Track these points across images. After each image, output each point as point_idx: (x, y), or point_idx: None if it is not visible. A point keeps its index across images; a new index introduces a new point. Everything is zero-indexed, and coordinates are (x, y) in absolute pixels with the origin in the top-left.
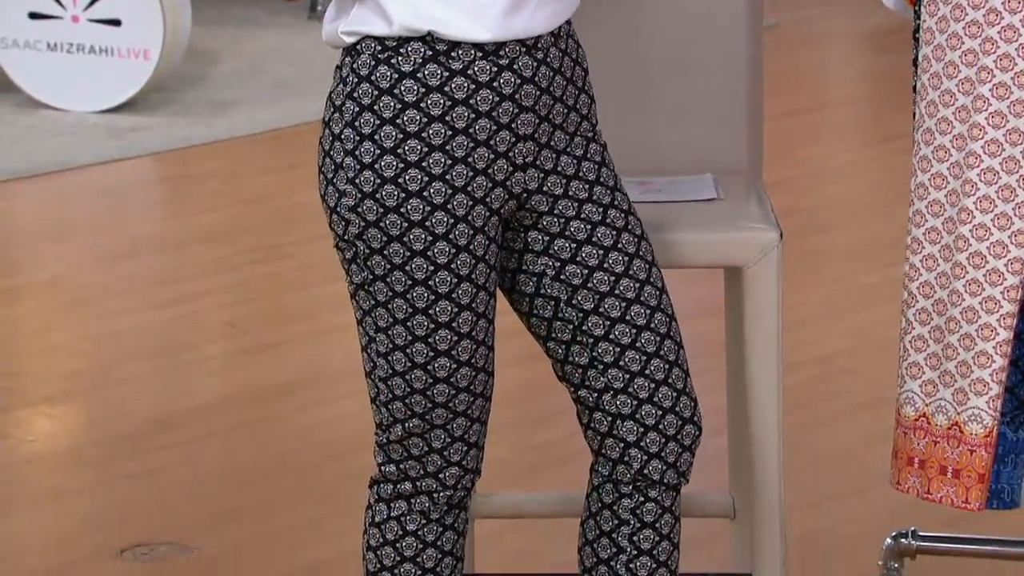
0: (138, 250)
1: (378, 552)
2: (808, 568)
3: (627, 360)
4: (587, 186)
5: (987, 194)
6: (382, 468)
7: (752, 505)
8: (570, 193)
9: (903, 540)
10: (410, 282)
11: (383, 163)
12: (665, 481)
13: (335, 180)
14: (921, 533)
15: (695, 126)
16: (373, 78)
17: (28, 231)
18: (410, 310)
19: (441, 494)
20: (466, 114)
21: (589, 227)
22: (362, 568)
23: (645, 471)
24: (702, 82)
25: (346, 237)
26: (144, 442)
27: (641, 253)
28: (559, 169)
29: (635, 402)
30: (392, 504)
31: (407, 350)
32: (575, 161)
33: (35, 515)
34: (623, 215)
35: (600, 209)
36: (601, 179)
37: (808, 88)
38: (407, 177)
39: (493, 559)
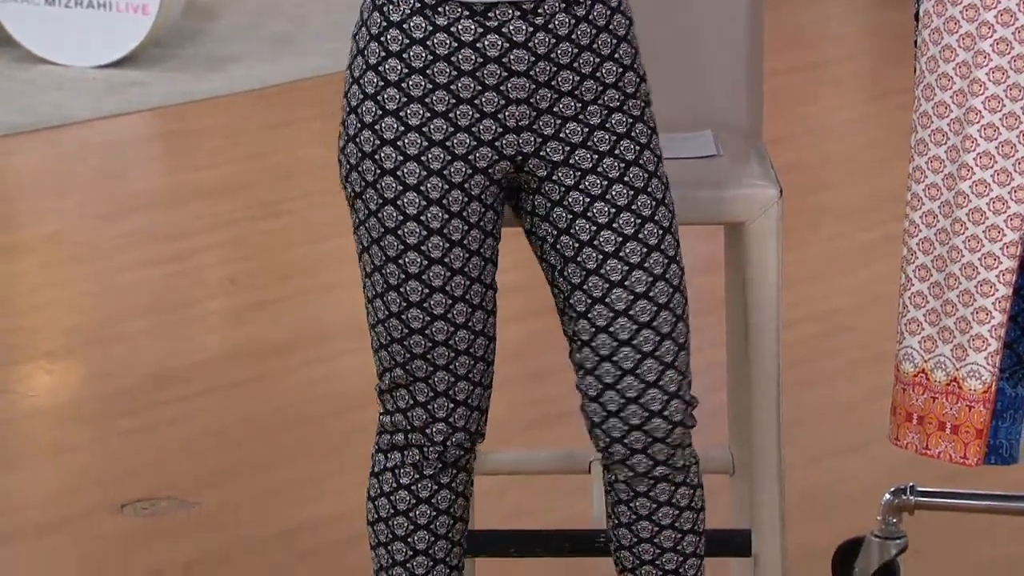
0: (138, 206)
1: (376, 503)
2: (807, 524)
3: (616, 328)
4: (595, 156)
5: (987, 150)
6: (380, 417)
7: (751, 461)
8: (571, 161)
9: (902, 495)
10: (401, 217)
11: (363, 108)
12: (650, 453)
13: (341, 120)
14: (920, 488)
15: (695, 83)
16: (368, 23)
17: (27, 186)
18: (401, 247)
19: (430, 449)
20: (447, 70)
21: (587, 199)
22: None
23: (626, 441)
24: (702, 39)
25: (343, 176)
26: (145, 398)
27: (657, 218)
28: (563, 135)
29: (619, 372)
30: (388, 455)
31: (400, 289)
32: (585, 129)
33: (36, 470)
34: (629, 191)
35: (604, 182)
36: (617, 151)
37: (808, 44)
38: (383, 125)
39: (492, 515)
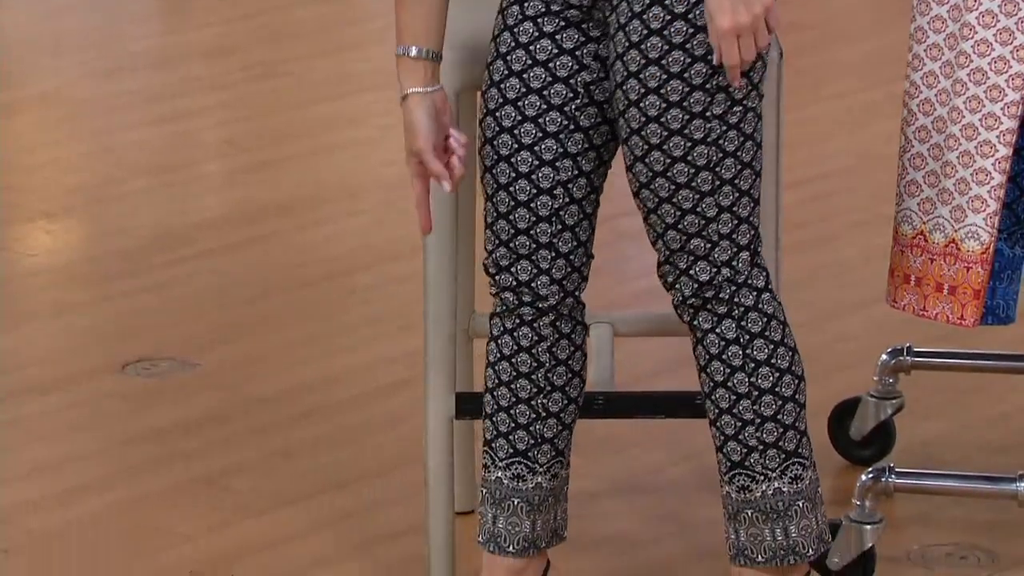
0: (134, 65)
1: (496, 367)
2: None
3: (675, 172)
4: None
5: (990, 8)
6: (491, 290)
7: None
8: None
9: (898, 356)
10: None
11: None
12: (714, 283)
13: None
14: (916, 349)
15: None
16: None
17: (22, 44)
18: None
19: (542, 303)
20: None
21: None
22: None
23: (691, 272)
24: None
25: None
26: (144, 258)
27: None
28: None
29: (678, 212)
30: (504, 318)
31: (511, 159)
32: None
33: (37, 329)
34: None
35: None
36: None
37: None
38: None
39: None
